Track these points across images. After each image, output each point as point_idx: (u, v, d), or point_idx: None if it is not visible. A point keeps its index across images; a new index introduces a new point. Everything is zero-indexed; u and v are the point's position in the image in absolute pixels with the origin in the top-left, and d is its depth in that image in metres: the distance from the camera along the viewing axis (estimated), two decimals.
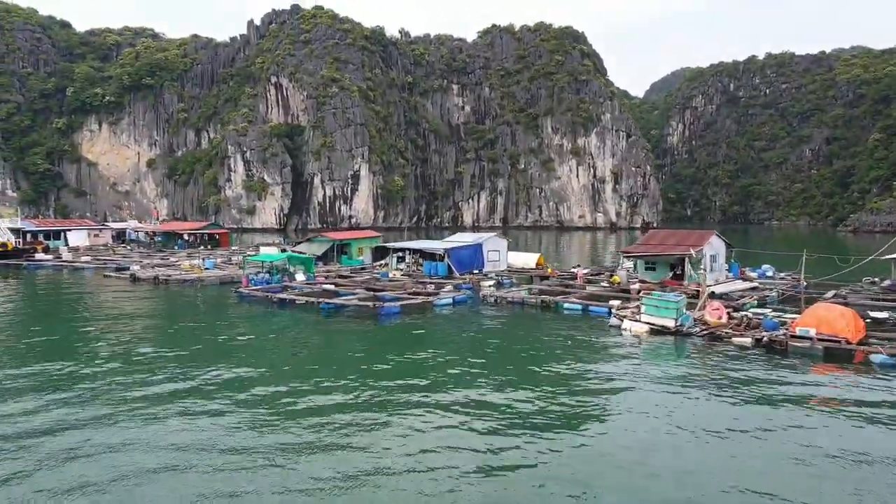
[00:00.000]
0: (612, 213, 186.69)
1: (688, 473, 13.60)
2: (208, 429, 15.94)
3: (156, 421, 16.47)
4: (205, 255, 64.00)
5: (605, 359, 23.75)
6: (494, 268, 50.87)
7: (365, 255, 59.15)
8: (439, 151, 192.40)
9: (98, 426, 16.05)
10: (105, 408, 17.48)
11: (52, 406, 17.59)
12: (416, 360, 23.69)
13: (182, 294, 42.51)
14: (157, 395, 18.80)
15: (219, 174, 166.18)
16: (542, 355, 24.39)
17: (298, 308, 35.44)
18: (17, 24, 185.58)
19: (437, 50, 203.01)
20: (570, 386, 20.12)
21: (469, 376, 21.22)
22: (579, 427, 16.43)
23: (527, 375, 21.46)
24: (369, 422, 16.62)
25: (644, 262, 42.69)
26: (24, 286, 47.66)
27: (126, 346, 25.73)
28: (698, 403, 18.34)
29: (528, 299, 35.87)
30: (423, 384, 20.29)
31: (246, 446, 14.81)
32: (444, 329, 29.97)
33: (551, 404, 18.26)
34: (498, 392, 19.37)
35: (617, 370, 21.99)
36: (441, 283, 42.01)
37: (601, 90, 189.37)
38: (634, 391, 19.47)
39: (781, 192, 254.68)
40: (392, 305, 32.55)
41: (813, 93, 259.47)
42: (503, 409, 17.79)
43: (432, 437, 15.54)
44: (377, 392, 19.32)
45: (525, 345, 26.35)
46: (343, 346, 26.55)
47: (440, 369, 22.19)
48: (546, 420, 16.87)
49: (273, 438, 15.33)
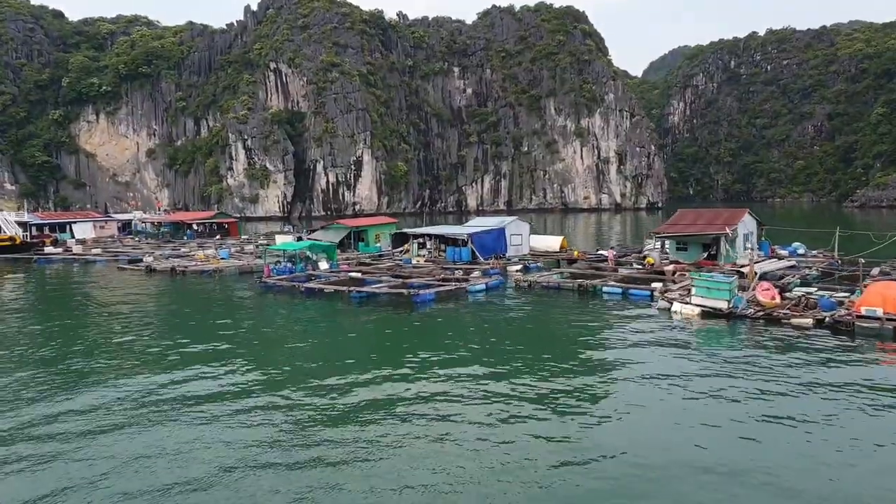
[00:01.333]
0: (616, 193, 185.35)
1: (773, 474, 12.26)
2: (266, 425, 14.96)
3: (210, 420, 15.48)
4: (218, 244, 62.84)
5: (658, 344, 22.74)
6: (517, 252, 49.85)
7: (382, 241, 58.16)
8: (441, 135, 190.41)
9: (147, 425, 15.07)
10: (149, 407, 16.49)
11: (109, 405, 16.61)
12: (460, 348, 22.69)
13: (202, 285, 41.43)
14: (201, 392, 17.80)
15: (220, 163, 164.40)
16: (591, 342, 23.42)
17: (327, 297, 34.42)
18: (8, 15, 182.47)
19: (437, 32, 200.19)
20: (626, 375, 19.08)
21: (520, 365, 20.25)
22: (643, 421, 15.39)
23: (579, 363, 20.49)
24: (428, 415, 15.65)
25: (675, 242, 41.67)
26: (37, 282, 46.54)
27: (160, 341, 24.70)
28: (767, 391, 17.25)
29: (563, 283, 34.84)
30: (472, 373, 19.34)
31: (303, 442, 13.85)
32: (482, 316, 28.96)
33: (609, 394, 17.37)
34: (554, 380, 18.43)
35: (673, 356, 21.01)
36: (469, 268, 40.97)
37: (604, 70, 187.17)
38: (697, 379, 18.42)
39: (784, 169, 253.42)
40: (427, 293, 31.53)
41: (814, 68, 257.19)
42: (562, 397, 16.91)
43: (498, 429, 14.60)
44: (426, 384, 18.36)
45: (571, 331, 25.37)
46: (382, 336, 25.54)
47: (487, 358, 21.20)
48: (607, 412, 15.91)
49: (327, 433, 14.37)
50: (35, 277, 48.23)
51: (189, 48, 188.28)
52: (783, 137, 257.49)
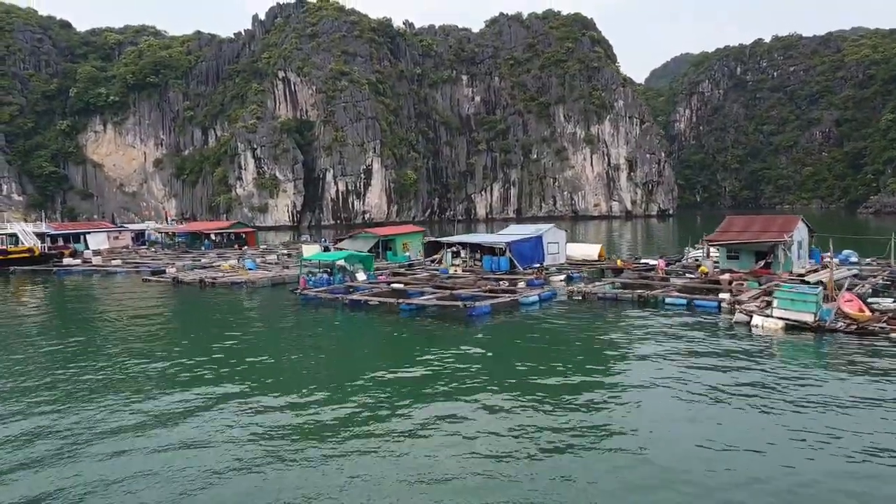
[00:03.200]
0: (627, 200, 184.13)
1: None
2: (342, 458, 13.41)
3: (278, 438, 13.93)
4: (244, 255, 61.39)
5: (746, 362, 21.03)
6: (554, 261, 48.29)
7: (410, 250, 56.71)
8: (450, 143, 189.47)
9: (210, 443, 13.52)
10: (215, 425, 14.94)
11: (164, 423, 15.08)
12: (531, 365, 21.08)
13: (234, 298, 39.86)
14: (263, 408, 16.24)
15: (229, 172, 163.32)
16: (672, 359, 21.74)
17: (373, 310, 32.89)
18: (16, 25, 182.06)
19: (445, 40, 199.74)
20: (720, 397, 17.37)
21: (599, 387, 18.65)
22: (755, 458, 13.84)
23: (665, 383, 18.82)
24: (511, 435, 14.09)
25: (726, 249, 40.17)
26: (61, 294, 45.03)
27: (208, 358, 23.13)
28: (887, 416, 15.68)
29: (622, 295, 33.31)
30: (548, 391, 17.80)
31: (373, 467, 12.30)
32: (544, 330, 27.38)
33: (699, 419, 15.77)
34: (643, 403, 16.85)
35: (766, 375, 19.32)
36: (512, 278, 39.45)
37: (613, 77, 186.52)
38: (809, 409, 16.61)
39: (792, 175, 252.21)
40: (482, 305, 30.00)
41: (821, 74, 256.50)
42: (660, 422, 15.37)
43: (591, 455, 13.03)
44: (502, 401, 16.82)
45: (645, 347, 23.73)
46: (443, 352, 23.88)
47: (560, 376, 19.60)
48: (711, 442, 14.28)
49: (399, 457, 12.83)
50: (58, 290, 46.70)
51: (197, 57, 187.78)
52: (791, 144, 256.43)
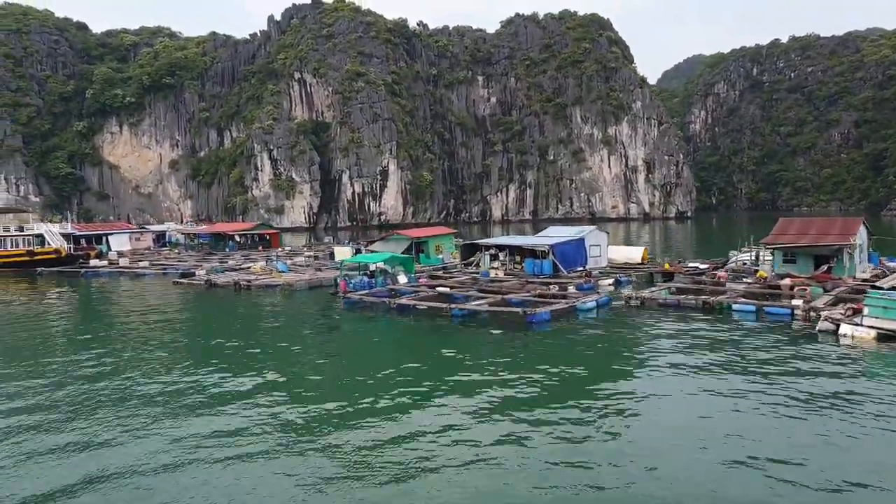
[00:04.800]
0: (645, 202, 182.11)
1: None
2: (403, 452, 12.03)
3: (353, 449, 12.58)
4: (277, 256, 60.29)
5: (840, 376, 19.51)
6: (596, 264, 46.86)
7: (444, 252, 55.43)
8: (466, 144, 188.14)
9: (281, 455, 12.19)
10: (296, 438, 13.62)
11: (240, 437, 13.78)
12: (608, 380, 19.64)
13: (273, 301, 38.63)
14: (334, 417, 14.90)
15: (245, 173, 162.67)
16: (764, 373, 20.04)
17: (421, 314, 31.55)
18: (33, 27, 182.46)
19: (461, 41, 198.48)
20: (830, 417, 15.82)
21: (692, 401, 17.21)
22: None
23: (765, 400, 17.26)
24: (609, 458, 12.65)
25: (782, 253, 38.56)
26: (92, 297, 43.99)
27: (266, 367, 21.83)
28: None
29: (684, 301, 31.82)
30: (642, 417, 16.29)
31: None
32: (611, 339, 25.92)
33: (814, 441, 14.28)
34: (748, 424, 15.36)
35: (873, 391, 17.82)
36: (561, 282, 38.01)
37: (631, 78, 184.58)
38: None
39: (810, 177, 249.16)
40: (543, 311, 28.60)
41: (840, 75, 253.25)
42: (779, 445, 13.89)
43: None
44: (597, 428, 15.36)
45: (731, 358, 22.14)
46: (511, 362, 22.38)
47: (647, 395, 18.10)
48: (823, 472, 12.84)
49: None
50: (89, 292, 45.67)
51: (212, 59, 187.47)
52: (809, 145, 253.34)
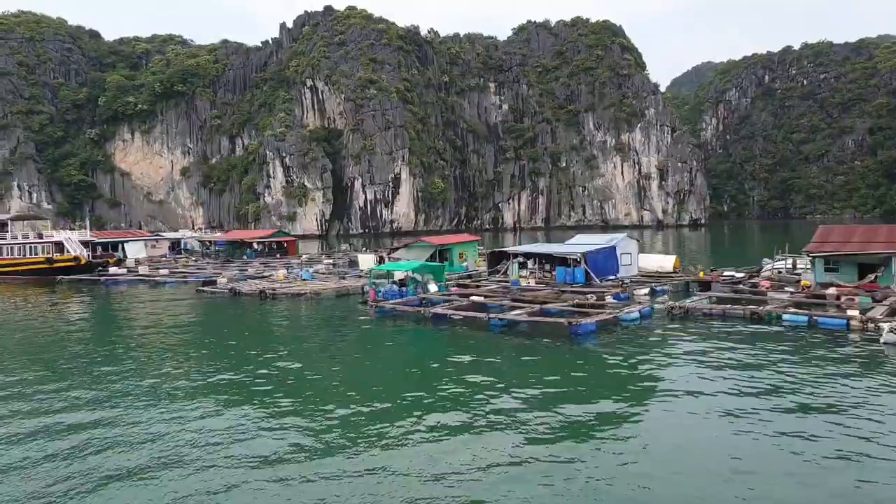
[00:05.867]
0: (658, 210, 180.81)
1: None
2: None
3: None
4: (288, 264, 59.51)
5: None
6: (627, 272, 45.68)
7: (468, 260, 54.48)
8: (477, 152, 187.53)
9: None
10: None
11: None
12: (669, 395, 18.52)
13: (301, 310, 37.70)
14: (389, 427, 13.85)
15: (257, 181, 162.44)
16: (843, 390, 18.99)
17: (457, 324, 30.54)
18: (47, 35, 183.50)
19: (472, 48, 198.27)
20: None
21: (770, 419, 16.06)
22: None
23: (838, 424, 16.20)
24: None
25: (823, 262, 37.39)
26: (115, 306, 43.17)
27: (315, 387, 20.85)
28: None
29: (730, 311, 30.69)
30: (717, 440, 15.17)
31: None
32: (664, 351, 24.79)
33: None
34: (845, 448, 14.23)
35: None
36: (595, 291, 36.94)
37: (644, 84, 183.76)
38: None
39: (823, 185, 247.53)
40: (588, 323, 27.54)
41: (853, 82, 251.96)
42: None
43: None
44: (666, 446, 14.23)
45: (793, 374, 20.92)
46: (562, 377, 21.33)
47: (717, 412, 17.02)
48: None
49: None
50: (113, 301, 44.85)
51: (224, 66, 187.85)
52: (822, 153, 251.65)
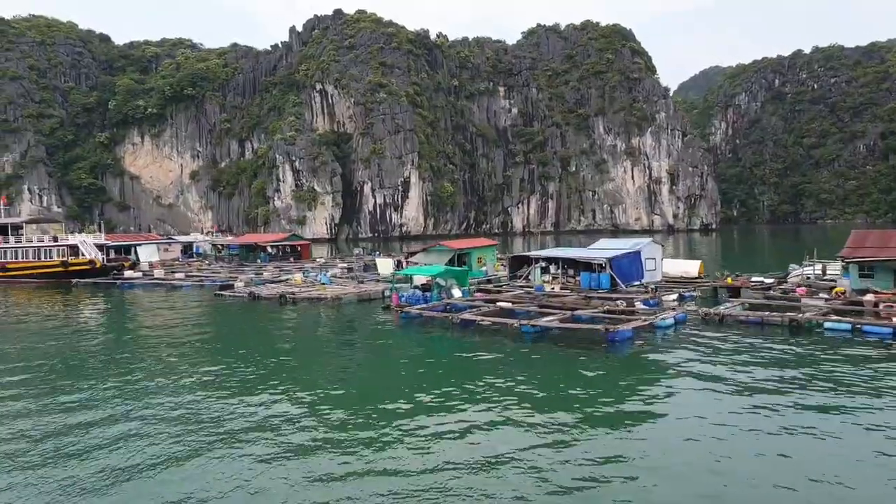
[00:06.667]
0: (668, 215, 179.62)
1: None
2: None
3: None
4: (303, 268, 58.92)
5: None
6: (651, 278, 44.82)
7: (487, 265, 53.78)
8: (487, 156, 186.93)
9: None
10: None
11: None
12: (721, 409, 17.69)
13: (324, 314, 37.00)
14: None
15: (267, 184, 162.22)
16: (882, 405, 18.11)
17: (487, 331, 29.77)
18: (58, 39, 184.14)
19: (482, 52, 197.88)
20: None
21: (841, 436, 15.23)
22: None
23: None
24: None
25: (858, 267, 36.50)
26: (133, 310, 42.60)
27: (346, 395, 20.13)
28: None
29: (768, 318, 29.82)
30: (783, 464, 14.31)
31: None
32: (703, 360, 23.90)
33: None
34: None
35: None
36: (624, 297, 36.14)
37: (654, 88, 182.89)
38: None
39: (834, 189, 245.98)
40: (625, 329, 26.75)
41: (865, 86, 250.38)
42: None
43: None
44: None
45: (846, 387, 20.11)
46: (606, 388, 20.51)
47: (779, 428, 16.20)
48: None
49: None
50: (131, 305, 44.28)
51: (234, 70, 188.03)
52: (833, 157, 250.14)
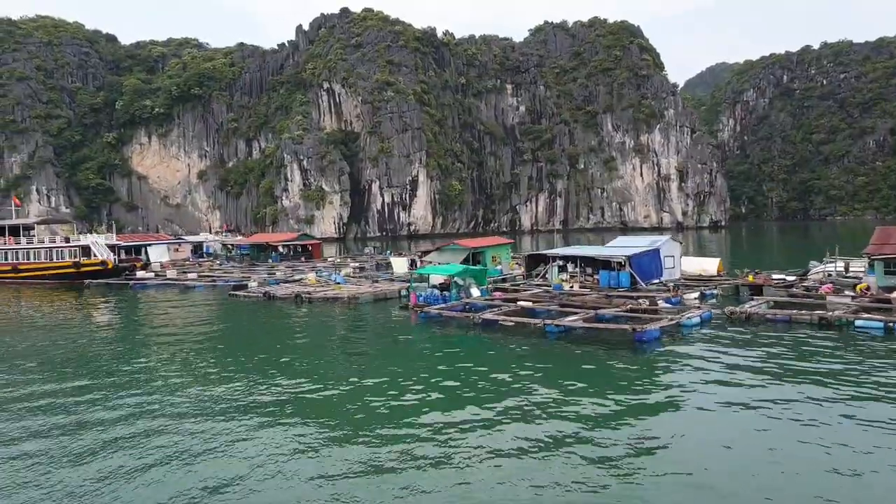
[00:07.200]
0: (678, 212, 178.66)
1: None
2: None
3: None
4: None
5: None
6: (670, 275, 44.32)
7: (502, 263, 53.32)
8: (495, 154, 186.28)
9: None
10: None
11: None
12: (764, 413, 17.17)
13: (340, 314, 36.60)
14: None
15: (275, 184, 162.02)
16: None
17: (509, 331, 29.28)
18: (65, 39, 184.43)
19: (489, 50, 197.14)
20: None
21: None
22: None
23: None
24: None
25: (883, 264, 35.89)
26: (149, 310, 42.32)
27: (377, 398, 19.69)
28: None
29: (797, 316, 29.24)
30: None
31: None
32: (738, 360, 23.33)
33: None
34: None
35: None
36: (645, 296, 35.59)
37: (663, 85, 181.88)
38: None
39: (844, 186, 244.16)
40: (653, 329, 26.24)
41: (874, 81, 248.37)
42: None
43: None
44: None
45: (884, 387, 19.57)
46: (649, 391, 19.99)
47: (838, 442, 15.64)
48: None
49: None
50: (145, 306, 43.98)
51: (240, 69, 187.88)
52: (842, 153, 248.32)
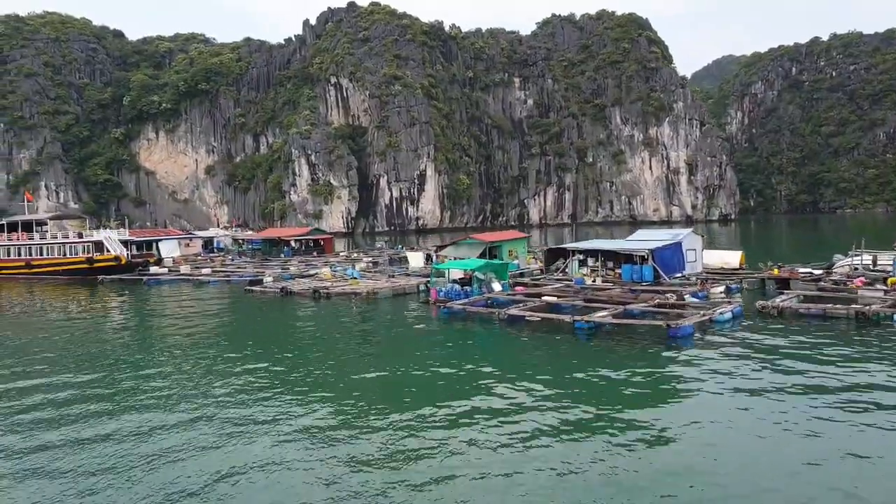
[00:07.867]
0: (687, 205, 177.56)
1: None
2: None
3: None
4: (328, 262, 58.13)
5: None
6: (692, 269, 43.66)
7: (519, 258, 52.76)
8: (503, 147, 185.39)
9: None
10: None
11: None
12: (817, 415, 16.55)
13: (360, 310, 36.15)
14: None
15: (283, 179, 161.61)
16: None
17: (536, 327, 28.74)
18: (72, 35, 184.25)
19: (496, 43, 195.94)
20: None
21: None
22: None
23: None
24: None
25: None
26: (166, 306, 41.98)
27: (411, 398, 19.20)
28: None
29: (832, 311, 28.59)
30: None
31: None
32: (779, 357, 22.74)
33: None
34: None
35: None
36: (671, 290, 34.97)
37: (672, 77, 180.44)
38: None
39: (854, 178, 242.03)
40: (687, 325, 25.66)
41: (885, 73, 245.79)
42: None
43: None
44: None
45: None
46: (692, 392, 19.38)
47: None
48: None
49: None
50: (158, 302, 43.66)
51: (247, 64, 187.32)
52: (852, 146, 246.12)
